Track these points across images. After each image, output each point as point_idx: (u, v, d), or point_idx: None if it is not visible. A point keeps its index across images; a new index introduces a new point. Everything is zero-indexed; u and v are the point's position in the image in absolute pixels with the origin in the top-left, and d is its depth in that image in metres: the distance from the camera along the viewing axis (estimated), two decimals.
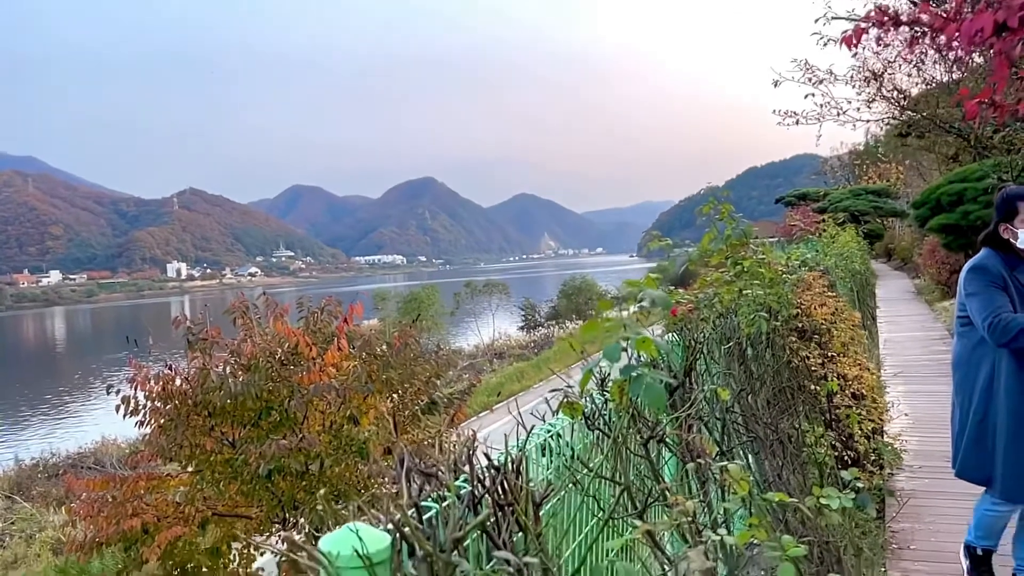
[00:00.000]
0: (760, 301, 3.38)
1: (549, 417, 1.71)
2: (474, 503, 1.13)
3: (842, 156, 55.60)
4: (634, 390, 1.39)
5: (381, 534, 0.89)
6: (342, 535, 0.85)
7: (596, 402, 1.81)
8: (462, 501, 1.10)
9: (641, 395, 1.39)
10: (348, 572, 0.83)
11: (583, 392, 1.65)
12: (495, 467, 1.21)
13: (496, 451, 1.30)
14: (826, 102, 10.65)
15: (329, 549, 0.83)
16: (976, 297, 3.36)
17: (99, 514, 7.32)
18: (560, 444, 1.69)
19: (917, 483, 5.03)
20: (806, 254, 7.71)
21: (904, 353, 10.36)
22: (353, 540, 0.82)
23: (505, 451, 1.29)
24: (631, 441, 1.91)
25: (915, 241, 27.60)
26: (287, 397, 7.27)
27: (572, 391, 1.66)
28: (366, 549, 0.82)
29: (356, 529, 0.84)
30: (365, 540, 0.84)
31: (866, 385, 5.34)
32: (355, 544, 0.82)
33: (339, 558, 0.82)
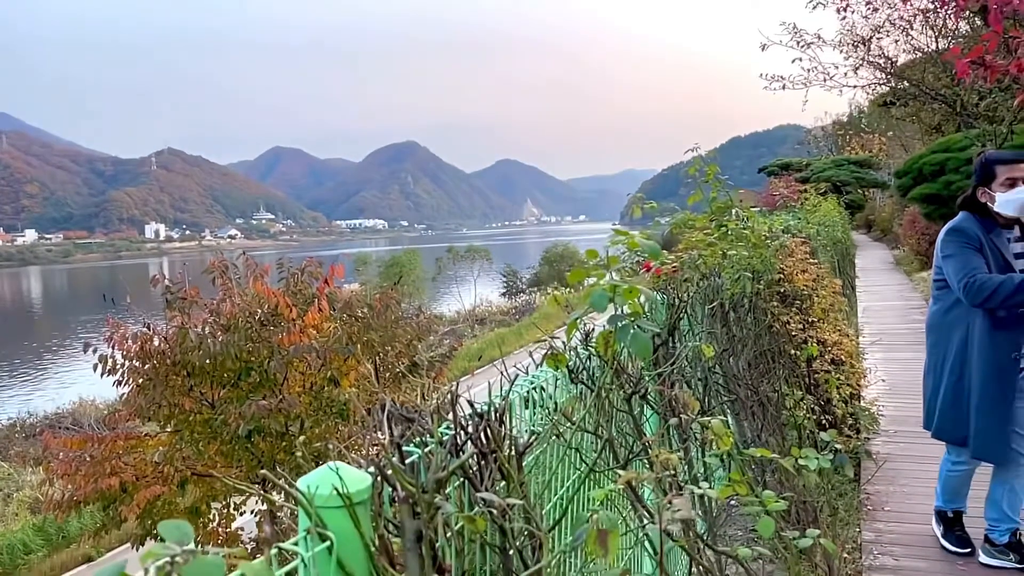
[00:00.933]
0: (744, 263, 3.37)
1: (533, 371, 1.69)
2: (456, 449, 1.11)
3: (826, 126, 55.63)
4: (621, 339, 1.37)
5: (362, 474, 0.86)
6: (322, 474, 0.82)
7: (580, 356, 1.79)
8: (444, 447, 1.08)
9: (627, 344, 1.37)
10: (328, 512, 0.80)
11: (568, 342, 1.63)
12: (478, 414, 1.19)
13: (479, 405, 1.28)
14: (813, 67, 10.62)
15: (308, 488, 0.81)
16: (952, 259, 3.39)
17: (77, 472, 7.28)
18: (543, 397, 1.67)
19: (892, 447, 5.10)
20: (789, 221, 7.72)
21: (882, 322, 10.46)
22: (333, 479, 0.80)
23: (489, 400, 1.27)
24: (614, 396, 1.90)
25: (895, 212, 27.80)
26: (267, 358, 7.22)
27: (556, 343, 1.64)
28: (346, 488, 0.80)
29: (336, 468, 0.82)
30: (346, 479, 0.81)
31: (845, 351, 5.38)
32: (335, 483, 0.79)
33: (317, 497, 0.79)
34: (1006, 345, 3.36)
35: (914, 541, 3.80)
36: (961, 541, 3.68)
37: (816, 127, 58.28)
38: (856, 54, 10.80)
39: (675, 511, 1.19)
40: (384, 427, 0.99)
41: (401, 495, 0.87)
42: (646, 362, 2.05)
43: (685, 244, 3.73)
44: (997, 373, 3.37)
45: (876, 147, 40.70)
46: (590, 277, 1.47)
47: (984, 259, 3.35)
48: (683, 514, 1.16)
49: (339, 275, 8.62)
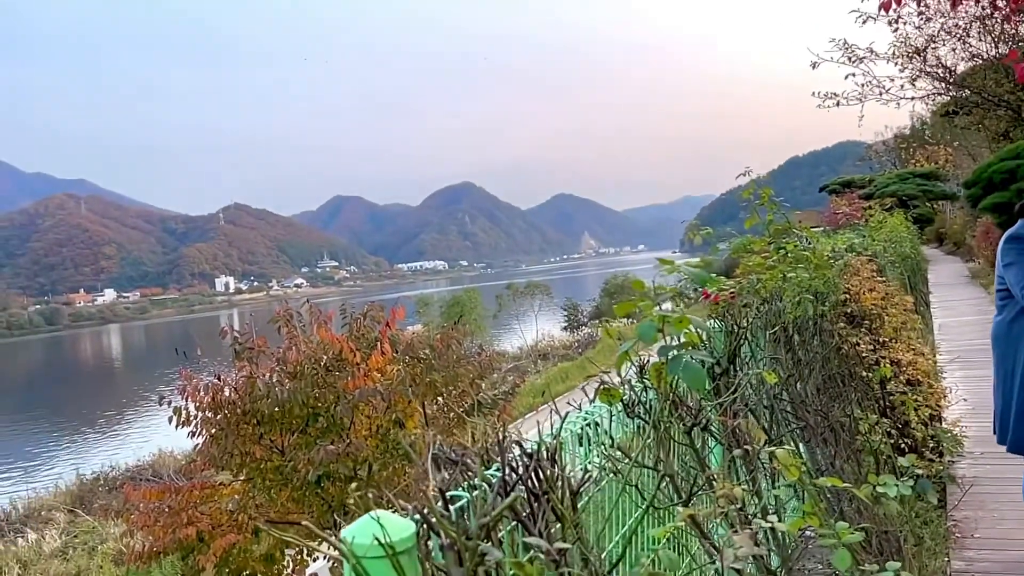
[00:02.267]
0: (805, 284, 3.28)
1: (586, 406, 1.66)
2: (505, 490, 1.09)
3: (887, 140, 54.23)
4: (672, 370, 1.33)
5: (406, 522, 0.85)
6: (364, 524, 0.81)
7: (635, 389, 1.75)
8: (493, 489, 1.06)
9: (680, 375, 1.34)
10: (371, 563, 0.79)
11: (619, 373, 1.60)
12: (528, 454, 1.17)
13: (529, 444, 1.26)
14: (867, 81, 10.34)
15: (350, 538, 0.80)
16: (1014, 266, 3.33)
17: (156, 523, 7.45)
18: (599, 433, 1.64)
19: (979, 470, 4.84)
20: (853, 239, 7.51)
21: (960, 338, 10.02)
22: (374, 528, 0.79)
23: (539, 439, 1.25)
24: (674, 429, 1.85)
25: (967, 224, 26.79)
26: (333, 403, 7.32)
27: (608, 378, 1.61)
28: (389, 537, 0.79)
29: (378, 517, 0.81)
30: (388, 528, 0.80)
31: (921, 370, 5.17)
32: (376, 532, 0.78)
33: (357, 546, 0.78)
34: None
35: (1009, 569, 3.58)
36: None
37: (877, 142, 56.85)
38: (912, 65, 10.51)
39: (737, 548, 1.14)
40: (429, 470, 0.98)
41: (446, 542, 0.85)
42: (706, 392, 2.00)
43: (743, 269, 3.65)
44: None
45: (942, 158, 39.42)
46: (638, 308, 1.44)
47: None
48: (745, 551, 1.11)
49: (400, 317, 8.72)
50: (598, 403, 1.64)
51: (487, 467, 1.16)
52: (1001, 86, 10.12)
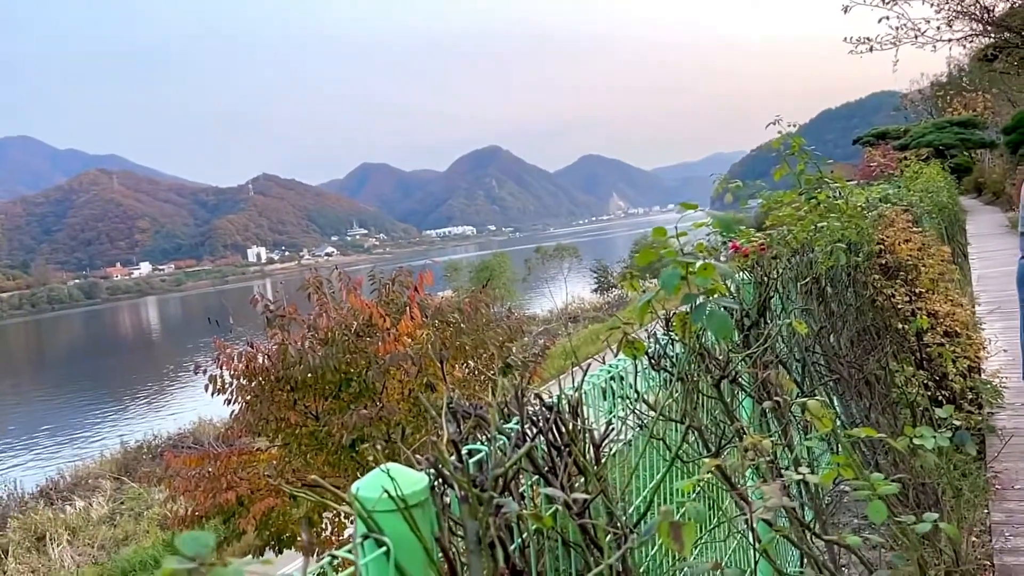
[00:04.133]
0: (837, 234, 3.19)
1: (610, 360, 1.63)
2: (524, 443, 1.06)
3: (923, 89, 52.71)
4: (697, 318, 1.29)
5: (419, 475, 0.82)
6: (374, 477, 0.79)
7: (661, 342, 1.71)
8: (511, 442, 1.03)
9: (705, 323, 1.29)
10: (384, 517, 0.77)
11: (642, 324, 1.56)
12: (548, 407, 1.14)
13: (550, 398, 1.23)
14: (902, 24, 9.91)
15: (360, 492, 0.77)
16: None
17: (197, 489, 7.63)
18: (623, 387, 1.60)
19: (1020, 420, 4.74)
20: (888, 190, 7.32)
21: (999, 289, 9.76)
22: (384, 481, 0.76)
23: (560, 392, 1.21)
24: (701, 382, 1.81)
25: (1007, 172, 26.06)
26: (365, 368, 7.38)
27: (632, 329, 1.56)
28: (400, 490, 0.76)
29: (388, 470, 0.78)
30: (400, 481, 0.78)
31: (959, 322, 5.04)
32: (387, 486, 0.76)
33: (365, 500, 0.76)
34: None
35: None
36: None
37: (912, 91, 55.26)
38: (949, 5, 10.08)
39: (767, 499, 1.10)
40: (443, 423, 0.95)
41: (461, 495, 0.83)
42: (735, 345, 1.95)
43: (772, 219, 3.56)
44: None
45: (980, 105, 38.19)
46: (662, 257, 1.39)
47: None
48: (775, 502, 1.07)
49: (428, 282, 8.72)
50: (622, 356, 1.60)
51: (506, 421, 1.14)
52: None
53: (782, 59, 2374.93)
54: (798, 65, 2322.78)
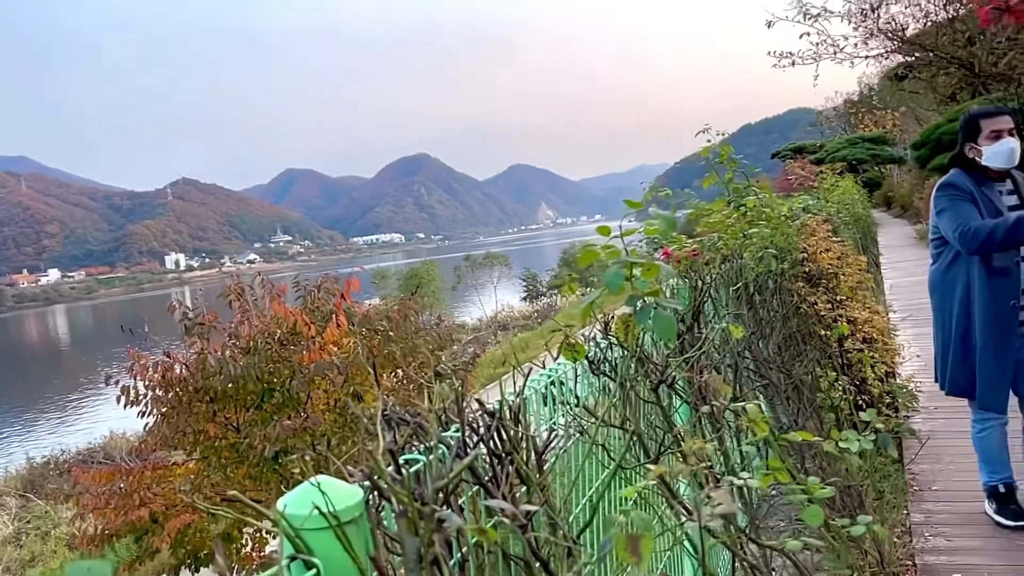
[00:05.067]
0: (767, 241, 3.24)
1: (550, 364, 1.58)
2: (465, 452, 1.00)
3: (837, 106, 54.99)
4: (641, 320, 1.25)
5: (352, 489, 0.75)
6: (303, 492, 0.71)
7: (600, 346, 1.67)
8: (451, 451, 0.97)
9: (649, 327, 1.25)
10: (313, 535, 0.69)
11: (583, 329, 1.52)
12: (489, 413, 1.07)
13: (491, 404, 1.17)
14: (822, 40, 10.34)
15: (287, 509, 0.70)
16: (946, 212, 3.48)
17: (107, 506, 7.28)
18: (564, 392, 1.55)
19: (934, 424, 4.92)
20: (808, 201, 7.55)
21: (910, 297, 10.21)
22: (315, 496, 0.69)
23: (501, 398, 1.15)
24: (640, 387, 1.78)
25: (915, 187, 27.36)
26: (289, 377, 7.16)
27: (572, 332, 1.52)
28: (332, 506, 0.69)
29: (319, 483, 0.71)
30: (332, 496, 0.70)
31: (877, 328, 5.21)
32: (317, 500, 0.68)
33: (292, 517, 0.68)
34: (1004, 293, 3.41)
35: (966, 520, 3.63)
36: (1016, 514, 3.51)
37: (827, 108, 57.61)
38: (865, 24, 10.56)
39: (716, 505, 1.06)
40: (379, 432, 0.88)
41: (400, 509, 0.76)
42: (672, 349, 1.93)
43: (704, 226, 3.60)
44: (997, 321, 3.42)
45: (889, 123, 40.08)
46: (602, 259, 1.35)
47: (977, 209, 3.40)
48: (725, 508, 1.04)
49: (355, 289, 8.54)
50: (562, 361, 1.55)
51: (445, 428, 1.07)
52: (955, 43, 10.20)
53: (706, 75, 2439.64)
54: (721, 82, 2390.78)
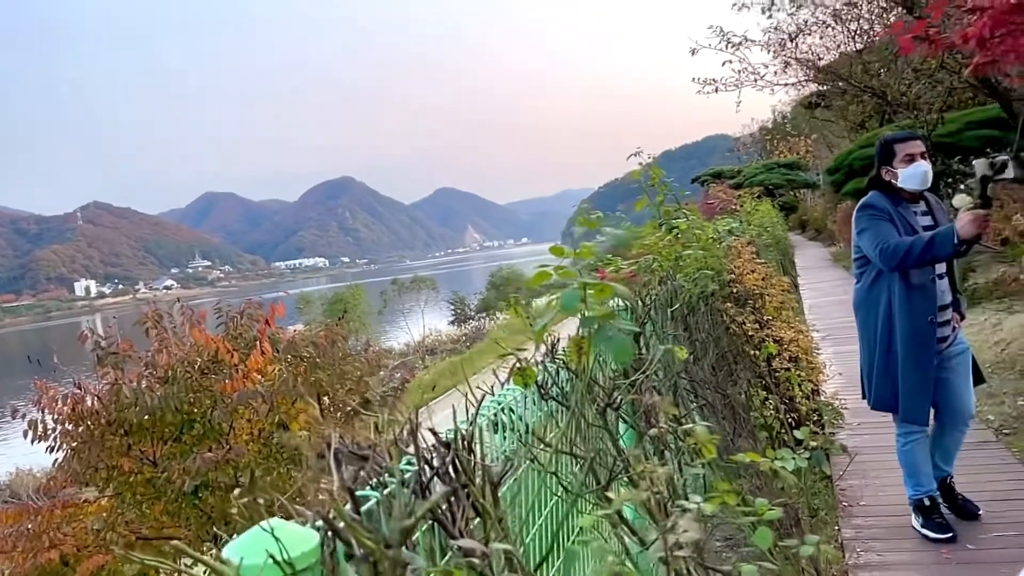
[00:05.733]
0: (702, 262, 3.27)
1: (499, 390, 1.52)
2: (422, 488, 0.94)
3: (754, 133, 57.08)
4: (598, 343, 1.21)
5: (307, 532, 0.68)
6: (253, 538, 0.64)
7: (548, 369, 1.63)
8: (407, 486, 0.90)
9: (605, 349, 1.22)
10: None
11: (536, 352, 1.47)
12: (445, 444, 1.01)
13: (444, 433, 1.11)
14: (743, 68, 10.76)
15: (236, 558, 0.62)
16: (866, 231, 3.63)
17: (14, 549, 6.85)
18: (512, 418, 1.50)
19: (859, 440, 5.06)
20: (732, 224, 7.74)
21: (829, 317, 10.57)
22: (267, 542, 0.62)
23: (454, 427, 1.10)
24: (587, 411, 1.74)
25: (828, 210, 28.51)
26: (210, 407, 6.89)
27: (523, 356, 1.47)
28: (286, 553, 0.62)
29: (271, 528, 0.64)
30: (285, 541, 0.63)
31: (801, 348, 5.35)
32: (270, 546, 0.61)
33: (247, 570, 0.61)
34: (922, 308, 3.57)
35: (894, 534, 3.72)
36: (941, 527, 3.62)
37: (744, 134, 59.75)
38: (783, 53, 11.04)
39: (682, 532, 1.03)
40: (332, 468, 0.81)
41: (360, 553, 0.69)
42: (617, 372, 1.90)
43: (639, 248, 3.62)
44: (916, 336, 3.57)
45: (803, 149, 41.86)
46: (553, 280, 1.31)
47: (895, 228, 3.56)
48: (692, 535, 1.00)
49: (280, 314, 8.30)
50: (511, 386, 1.50)
51: (398, 461, 1.00)
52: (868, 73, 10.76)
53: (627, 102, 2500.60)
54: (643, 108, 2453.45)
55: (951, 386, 3.70)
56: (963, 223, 3.31)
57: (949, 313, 3.70)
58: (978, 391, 5.94)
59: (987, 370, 5.92)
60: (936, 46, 2.41)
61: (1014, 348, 6.51)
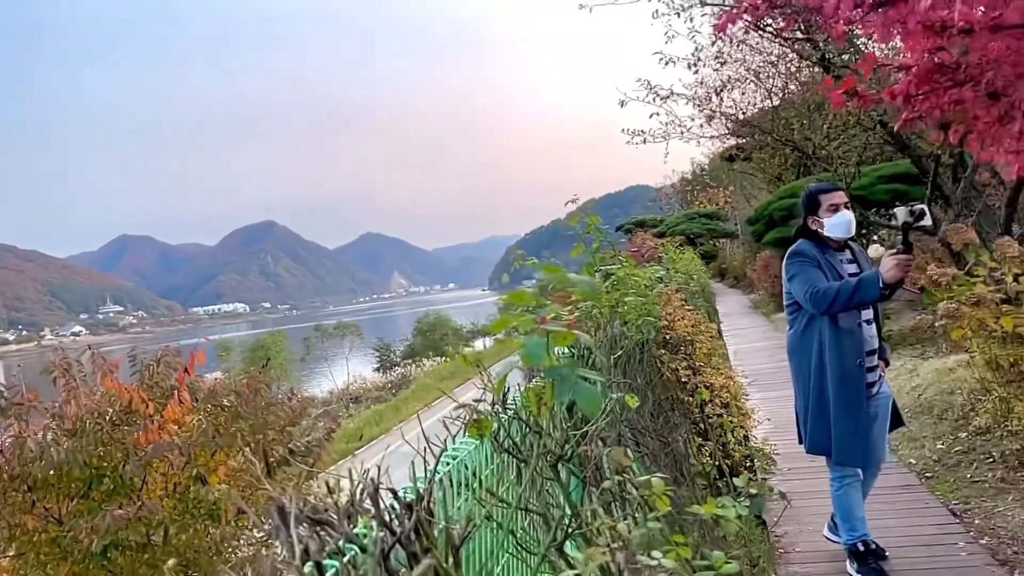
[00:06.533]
0: (642, 308, 3.27)
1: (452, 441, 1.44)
2: (384, 556, 0.85)
3: (675, 183, 58.90)
4: (562, 393, 1.16)
5: None
6: None
7: (501, 420, 1.56)
8: (372, 554, 0.82)
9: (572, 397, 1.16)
10: None
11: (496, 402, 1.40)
12: (407, 505, 0.93)
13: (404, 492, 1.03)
14: (671, 120, 11.15)
15: None
16: (797, 277, 3.75)
17: None
18: (466, 473, 1.42)
19: (790, 485, 5.11)
20: (660, 271, 7.86)
21: (753, 363, 10.82)
22: None
23: (414, 484, 1.02)
24: (540, 463, 1.67)
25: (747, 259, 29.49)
26: (122, 461, 6.51)
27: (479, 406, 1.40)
28: None
29: None
30: None
31: (731, 393, 5.41)
32: None
33: None
34: (851, 352, 3.67)
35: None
36: (876, 572, 3.66)
37: (666, 185, 61.60)
38: (708, 106, 11.50)
39: None
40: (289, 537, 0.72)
41: None
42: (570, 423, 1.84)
43: (576, 295, 3.60)
44: (846, 379, 3.66)
45: (722, 200, 43.37)
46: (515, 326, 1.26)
47: (823, 274, 3.69)
48: None
49: (200, 362, 7.97)
50: (465, 438, 1.42)
51: (353, 524, 0.92)
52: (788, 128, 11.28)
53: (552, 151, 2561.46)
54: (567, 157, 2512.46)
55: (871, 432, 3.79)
56: (887, 267, 3.44)
57: (876, 359, 3.80)
58: (899, 435, 6.16)
59: (906, 414, 6.13)
60: (865, 101, 2.51)
61: (930, 393, 6.76)
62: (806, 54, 9.29)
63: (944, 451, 5.63)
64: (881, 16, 1.98)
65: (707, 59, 10.71)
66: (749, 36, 10.29)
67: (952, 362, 7.22)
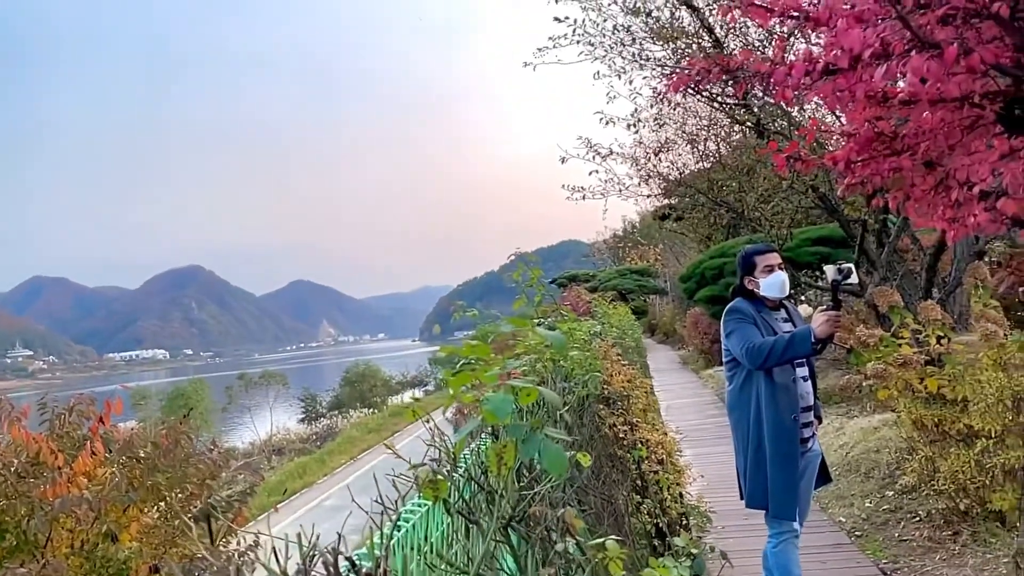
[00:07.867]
0: (586, 363, 3.25)
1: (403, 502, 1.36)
2: None
3: (607, 239, 60.04)
4: (528, 452, 1.10)
5: None
6: None
7: (455, 481, 1.48)
8: None
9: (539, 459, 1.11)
10: None
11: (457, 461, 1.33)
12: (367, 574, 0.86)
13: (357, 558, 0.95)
14: (609, 178, 11.37)
15: None
16: (734, 333, 3.80)
17: None
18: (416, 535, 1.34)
19: (726, 543, 5.10)
20: (596, 326, 7.89)
21: (684, 419, 10.91)
22: None
23: (370, 551, 0.94)
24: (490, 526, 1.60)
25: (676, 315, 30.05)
26: (26, 516, 6.06)
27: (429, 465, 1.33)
28: None
29: None
30: None
31: (666, 450, 5.40)
32: None
33: None
34: (786, 407, 3.72)
35: None
36: None
37: (599, 240, 62.68)
38: (646, 166, 11.80)
39: None
40: None
41: None
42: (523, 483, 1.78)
43: (522, 348, 3.55)
44: (782, 433, 3.70)
45: (652, 257, 44.34)
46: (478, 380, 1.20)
47: (759, 331, 3.75)
48: None
49: (117, 411, 7.56)
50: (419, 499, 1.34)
51: None
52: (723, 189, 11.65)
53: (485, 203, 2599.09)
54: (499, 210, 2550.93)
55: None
56: (818, 323, 3.54)
57: (812, 415, 3.87)
58: (828, 493, 6.25)
59: (834, 472, 6.22)
60: (807, 165, 2.58)
61: (857, 451, 6.91)
62: (741, 119, 9.65)
63: (872, 509, 5.73)
64: (830, 83, 2.05)
65: (646, 120, 11.01)
66: (686, 99, 10.66)
67: (877, 421, 7.42)
